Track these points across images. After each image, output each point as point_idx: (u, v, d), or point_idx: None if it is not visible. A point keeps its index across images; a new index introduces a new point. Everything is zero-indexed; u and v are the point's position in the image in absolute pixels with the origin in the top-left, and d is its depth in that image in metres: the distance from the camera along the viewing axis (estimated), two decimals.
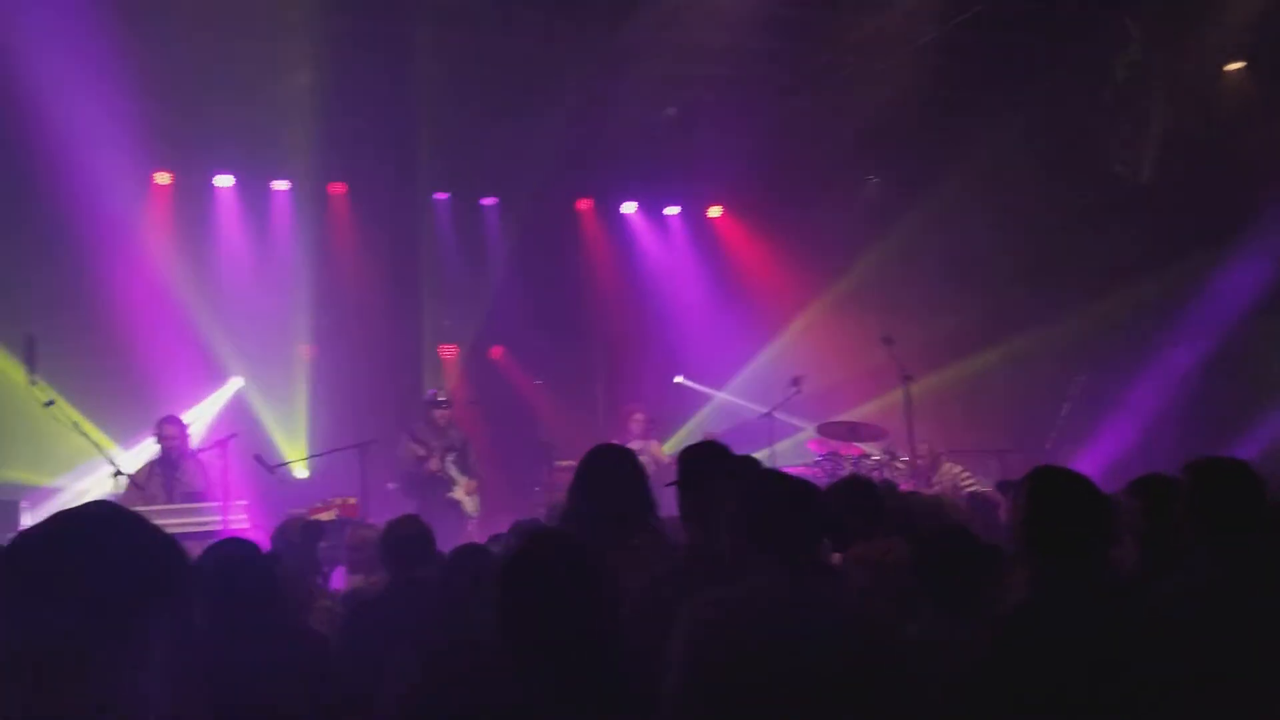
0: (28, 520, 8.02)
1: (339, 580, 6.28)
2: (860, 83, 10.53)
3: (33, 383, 6.55)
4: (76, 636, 1.69)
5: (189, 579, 1.85)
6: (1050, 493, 3.14)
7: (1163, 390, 9.71)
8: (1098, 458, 9.42)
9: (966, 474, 9.46)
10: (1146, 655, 2.89)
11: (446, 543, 6.38)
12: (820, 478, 9.71)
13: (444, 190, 11.85)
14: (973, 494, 7.70)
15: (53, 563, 1.74)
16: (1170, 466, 4.03)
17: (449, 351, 11.93)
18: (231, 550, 3.74)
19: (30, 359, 6.65)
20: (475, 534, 9.50)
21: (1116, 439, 9.78)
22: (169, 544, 1.83)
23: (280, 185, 11.29)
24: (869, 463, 9.80)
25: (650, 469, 8.05)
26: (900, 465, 9.57)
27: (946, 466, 9.57)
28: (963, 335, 10.96)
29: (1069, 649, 2.86)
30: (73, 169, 9.14)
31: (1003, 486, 6.15)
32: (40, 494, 8.63)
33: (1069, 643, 2.88)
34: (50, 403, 6.72)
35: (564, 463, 10.13)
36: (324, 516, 8.07)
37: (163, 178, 10.69)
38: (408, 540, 4.60)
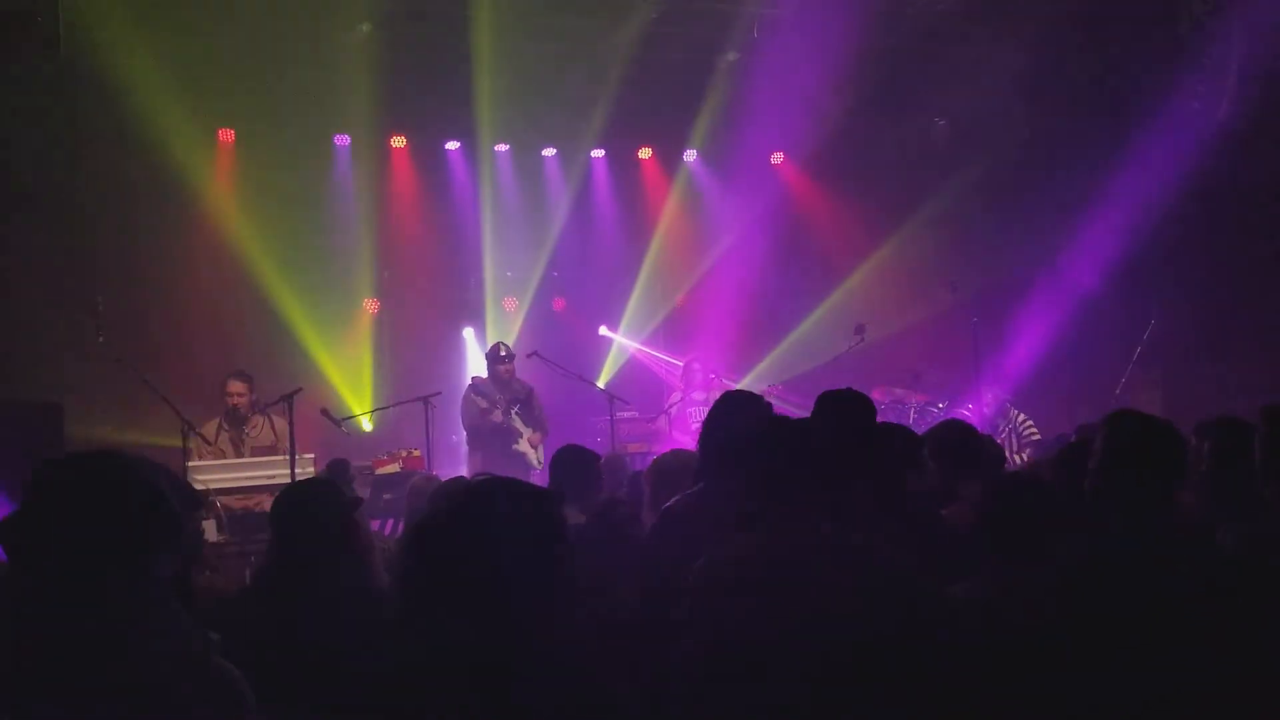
0: None
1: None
2: (925, 22, 10.28)
3: (101, 339, 6.67)
4: (87, 567, 1.97)
5: (176, 524, 2.10)
6: (1128, 438, 3.05)
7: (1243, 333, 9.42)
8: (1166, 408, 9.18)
9: (1030, 424, 9.30)
10: (1211, 604, 2.81)
11: None
12: None
13: (504, 142, 11.82)
14: (1037, 445, 7.57)
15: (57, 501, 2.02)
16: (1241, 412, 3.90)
17: (511, 304, 11.97)
18: (312, 488, 3.82)
19: (97, 314, 6.77)
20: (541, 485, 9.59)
21: (1185, 387, 9.51)
22: (155, 489, 2.09)
23: (342, 140, 11.34)
24: (935, 410, 9.68)
25: None
26: (965, 412, 9.44)
27: (1012, 414, 9.41)
28: (1030, 279, 10.70)
29: (1132, 600, 2.79)
30: (138, 124, 9.27)
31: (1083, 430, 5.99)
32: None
33: (1133, 594, 2.81)
34: (120, 358, 6.84)
35: (626, 413, 10.15)
36: (389, 469, 8.19)
37: (227, 134, 10.79)
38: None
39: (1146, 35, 9.79)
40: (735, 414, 3.77)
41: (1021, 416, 9.35)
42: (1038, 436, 8.97)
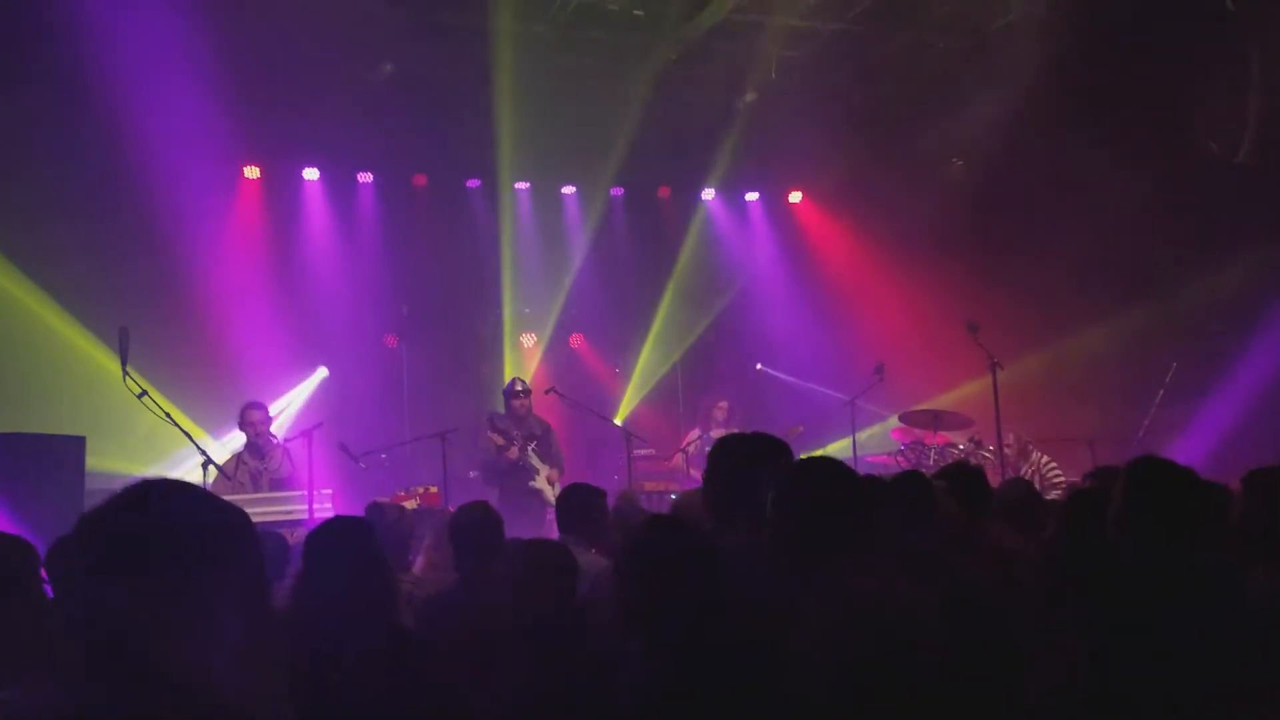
0: None
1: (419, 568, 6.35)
2: (943, 64, 10.33)
3: (124, 374, 6.71)
4: (142, 607, 1.70)
5: (253, 550, 1.84)
6: (1151, 483, 3.04)
7: (1259, 381, 9.35)
8: (1191, 448, 9.11)
9: (1053, 465, 9.24)
10: (1227, 649, 2.79)
11: (529, 531, 6.44)
12: (903, 467, 9.58)
13: (524, 179, 11.91)
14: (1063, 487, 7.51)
15: (116, 537, 1.75)
16: (1265, 458, 3.89)
17: (529, 340, 12.01)
18: (344, 525, 3.82)
19: (124, 351, 6.81)
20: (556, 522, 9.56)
21: (1211, 429, 9.44)
22: (231, 515, 1.84)
23: (365, 178, 11.46)
24: (954, 452, 9.62)
25: None
26: (987, 454, 9.38)
27: (1035, 456, 9.36)
28: (1051, 322, 10.67)
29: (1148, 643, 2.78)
30: (165, 163, 9.39)
31: (1098, 475, 5.95)
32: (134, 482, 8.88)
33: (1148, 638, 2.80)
34: (143, 394, 6.88)
35: (643, 451, 10.13)
36: (406, 505, 8.18)
37: (252, 171, 10.92)
38: (474, 527, 4.59)
39: (1165, 75, 9.80)
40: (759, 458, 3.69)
41: (1045, 458, 9.29)
42: (1063, 478, 8.90)
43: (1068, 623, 3.05)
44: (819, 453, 7.81)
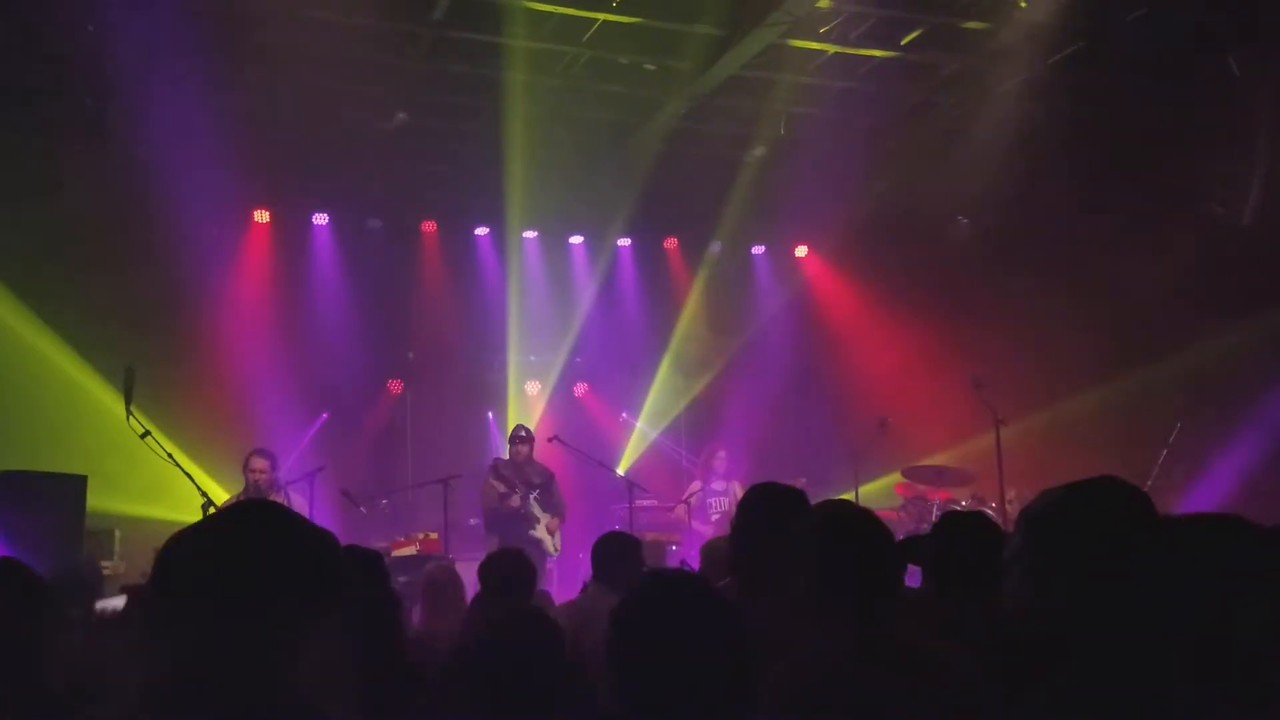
0: (121, 549, 8.27)
1: (417, 619, 6.30)
2: (951, 122, 10.43)
3: (128, 416, 6.72)
4: (237, 644, 1.64)
5: (344, 576, 1.77)
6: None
7: (1263, 440, 9.32)
8: (1195, 507, 9.05)
9: None
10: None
11: None
12: (905, 522, 9.54)
13: (532, 228, 11.99)
14: None
15: (210, 570, 1.69)
16: (1271, 517, 3.85)
17: (534, 388, 12.03)
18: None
19: (129, 391, 6.82)
20: (556, 572, 9.52)
21: (1216, 489, 9.40)
22: (324, 540, 1.77)
23: (374, 223, 11.55)
24: (957, 508, 9.57)
25: (731, 510, 8.00)
26: (989, 511, 9.33)
27: None
28: (1055, 379, 10.66)
29: None
30: (176, 206, 9.47)
31: None
32: (135, 524, 8.87)
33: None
34: (146, 434, 6.89)
35: (645, 501, 10.11)
36: (405, 551, 8.17)
37: (262, 215, 11.01)
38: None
39: (1170, 136, 9.88)
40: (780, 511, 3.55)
41: None
42: None
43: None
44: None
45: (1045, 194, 10.56)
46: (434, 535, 8.63)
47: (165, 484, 8.10)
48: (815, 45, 9.52)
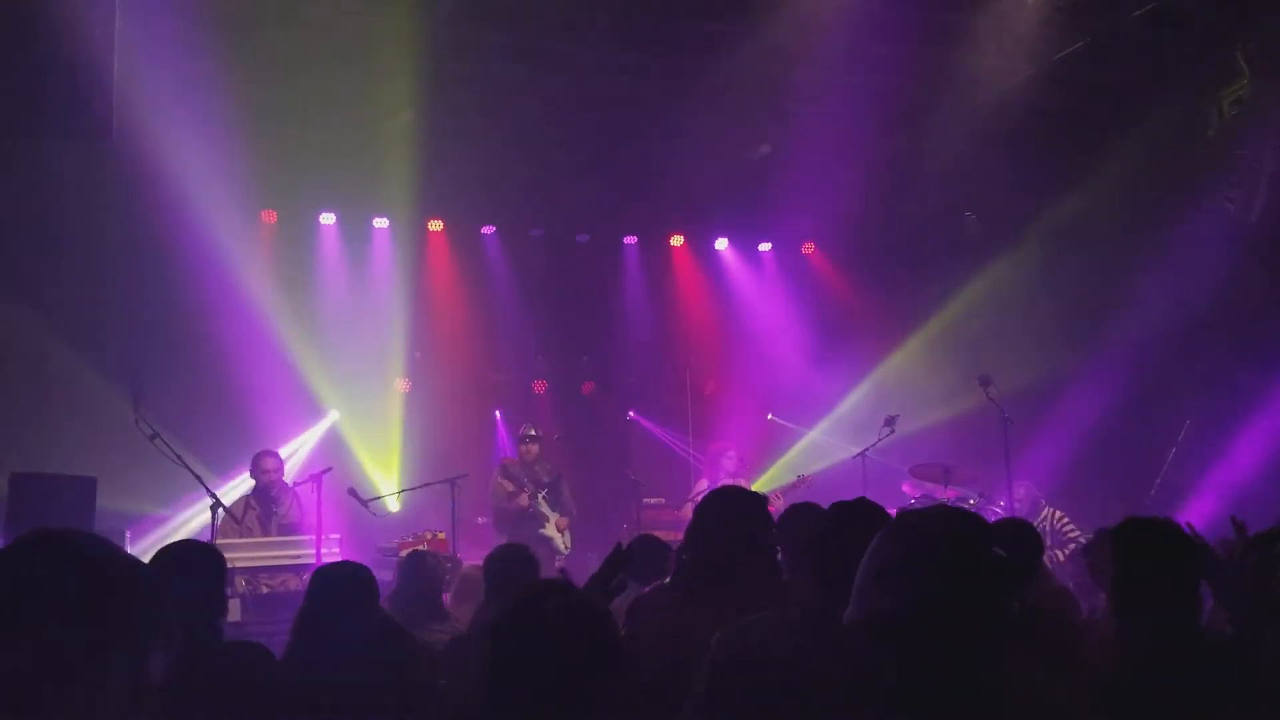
0: (129, 548, 8.29)
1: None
2: (957, 120, 10.38)
3: (137, 418, 6.75)
4: (32, 672, 1.63)
5: (146, 607, 1.76)
6: (1139, 546, 3.02)
7: (1270, 440, 9.28)
8: (1204, 506, 9.03)
9: (1068, 521, 9.17)
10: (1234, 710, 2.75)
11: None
12: None
13: (538, 227, 11.99)
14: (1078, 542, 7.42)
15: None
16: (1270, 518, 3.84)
17: (541, 387, 12.03)
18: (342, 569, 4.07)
19: (137, 392, 6.86)
20: (566, 571, 9.51)
21: (1219, 488, 9.36)
22: (119, 571, 1.76)
23: (380, 223, 11.56)
24: (966, 505, 9.56)
25: None
26: (997, 510, 9.33)
27: (1047, 511, 9.30)
28: (1062, 377, 10.64)
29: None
30: (183, 206, 9.48)
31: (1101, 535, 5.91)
32: (145, 522, 8.91)
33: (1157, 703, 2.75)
34: (155, 435, 6.91)
35: (652, 500, 10.11)
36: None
37: (269, 215, 11.02)
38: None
39: (1177, 136, 9.85)
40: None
41: (1059, 514, 9.23)
42: (1078, 534, 8.83)
43: None
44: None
45: (1052, 188, 10.54)
46: (441, 534, 8.64)
47: (174, 485, 8.14)
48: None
